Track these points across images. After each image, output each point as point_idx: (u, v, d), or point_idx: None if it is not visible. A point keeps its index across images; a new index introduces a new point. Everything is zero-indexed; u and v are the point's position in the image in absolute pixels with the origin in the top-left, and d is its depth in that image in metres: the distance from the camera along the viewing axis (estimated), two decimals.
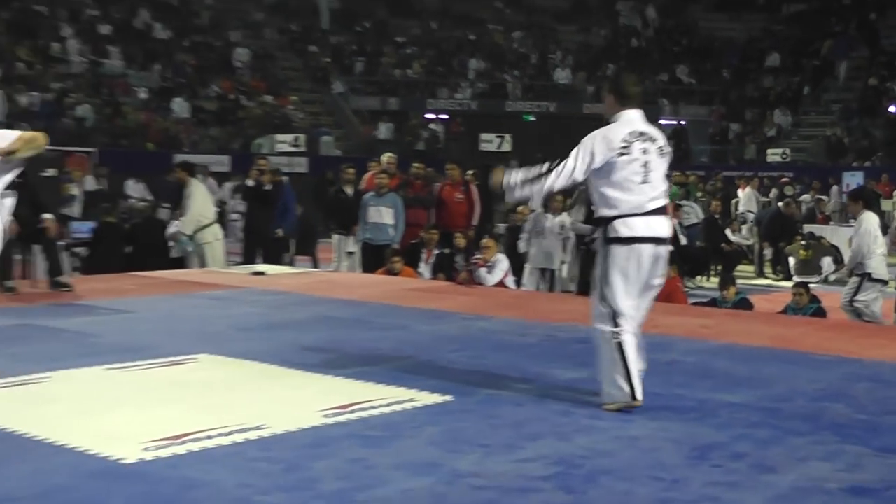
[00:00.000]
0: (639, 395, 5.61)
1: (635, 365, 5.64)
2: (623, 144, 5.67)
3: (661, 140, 5.91)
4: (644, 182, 5.68)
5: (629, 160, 5.65)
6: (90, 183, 20.21)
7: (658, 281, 5.85)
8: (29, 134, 6.79)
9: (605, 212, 5.75)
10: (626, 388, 5.59)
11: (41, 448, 4.94)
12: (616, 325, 5.60)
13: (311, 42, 35.61)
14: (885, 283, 11.77)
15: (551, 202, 13.14)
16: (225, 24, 34.55)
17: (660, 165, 5.77)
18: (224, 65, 32.35)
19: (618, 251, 5.66)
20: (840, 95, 34.49)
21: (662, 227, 5.79)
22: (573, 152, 5.73)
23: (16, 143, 6.47)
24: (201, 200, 13.56)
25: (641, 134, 5.76)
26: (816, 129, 33.67)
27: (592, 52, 38.06)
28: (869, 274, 11.45)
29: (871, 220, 11.64)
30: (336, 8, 37.54)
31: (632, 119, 5.83)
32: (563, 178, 5.74)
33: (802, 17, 38.44)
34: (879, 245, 11.62)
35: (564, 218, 13.08)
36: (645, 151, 5.70)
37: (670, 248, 5.99)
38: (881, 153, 30.41)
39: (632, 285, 5.66)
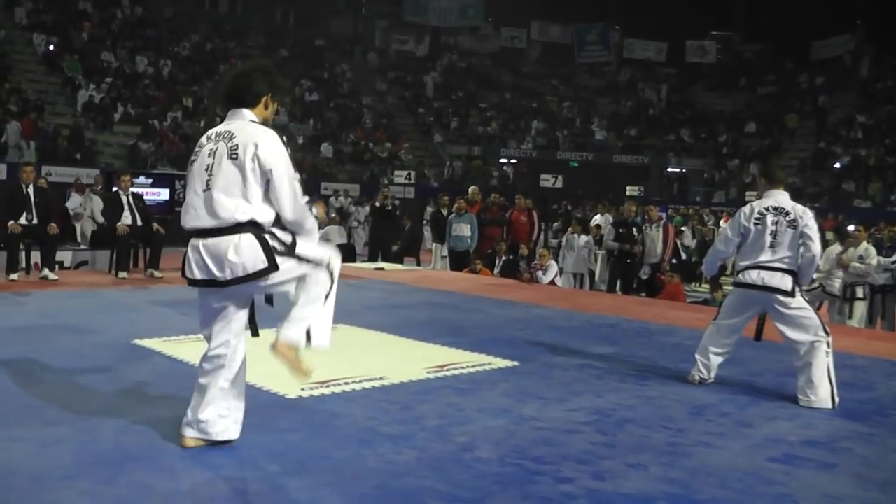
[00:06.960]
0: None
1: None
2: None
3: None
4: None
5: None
6: None
7: None
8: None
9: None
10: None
11: None
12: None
13: (419, 105, 35.77)
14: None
15: (576, 227, 13.32)
16: (359, 91, 34.86)
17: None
18: (357, 120, 32.60)
19: None
20: (798, 154, 34.19)
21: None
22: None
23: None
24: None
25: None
26: None
27: (620, 118, 37.94)
28: None
29: None
30: (438, 82, 37.77)
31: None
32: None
33: (772, 97, 38.28)
34: None
35: (587, 238, 13.08)
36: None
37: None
38: (827, 197, 30.19)
39: None
